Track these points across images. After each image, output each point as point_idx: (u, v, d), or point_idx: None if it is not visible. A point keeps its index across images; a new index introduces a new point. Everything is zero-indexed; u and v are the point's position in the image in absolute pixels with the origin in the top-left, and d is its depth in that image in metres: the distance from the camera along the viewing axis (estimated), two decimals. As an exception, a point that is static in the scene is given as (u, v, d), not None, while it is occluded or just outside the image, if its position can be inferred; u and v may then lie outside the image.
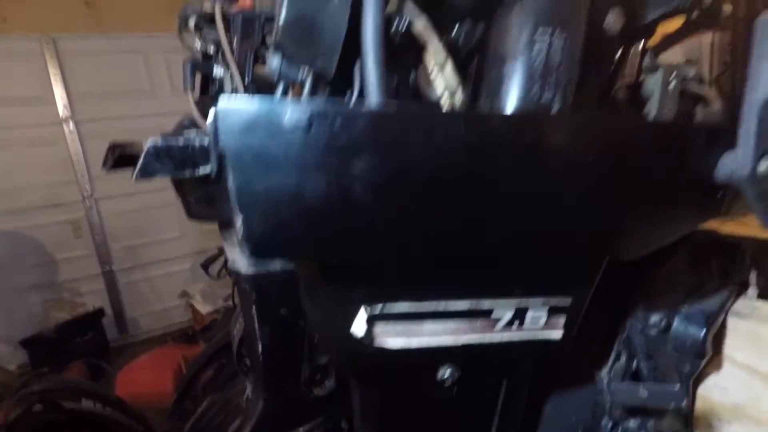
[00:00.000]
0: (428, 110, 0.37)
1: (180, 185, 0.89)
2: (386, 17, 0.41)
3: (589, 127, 0.39)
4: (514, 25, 0.40)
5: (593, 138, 0.39)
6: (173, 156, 0.38)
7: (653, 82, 0.53)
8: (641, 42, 0.55)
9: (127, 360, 2.43)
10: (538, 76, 0.40)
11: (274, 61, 0.43)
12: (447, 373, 0.49)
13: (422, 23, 0.39)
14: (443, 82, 0.40)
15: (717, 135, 0.43)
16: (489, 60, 0.43)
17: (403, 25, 0.39)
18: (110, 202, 2.86)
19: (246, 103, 0.35)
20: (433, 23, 0.43)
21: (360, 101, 0.40)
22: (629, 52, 0.54)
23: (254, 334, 0.95)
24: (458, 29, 0.45)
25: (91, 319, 2.76)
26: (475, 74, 0.46)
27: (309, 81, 0.41)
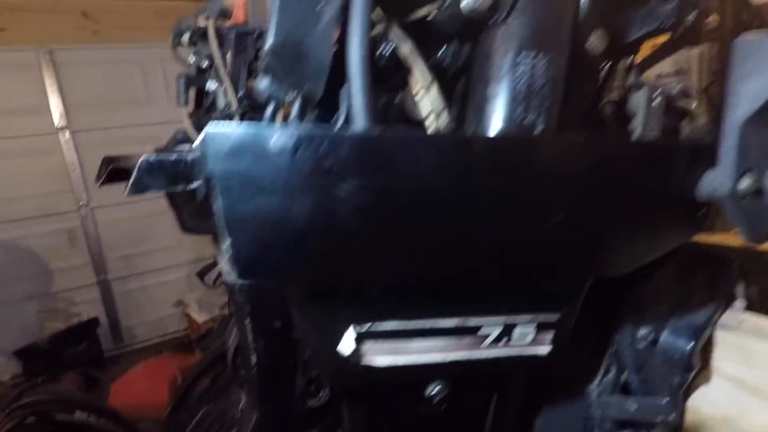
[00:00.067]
0: (412, 134, 0.38)
1: (173, 198, 0.89)
2: (372, 40, 0.42)
3: (572, 149, 0.39)
4: (498, 48, 0.41)
5: (575, 160, 0.39)
6: (166, 171, 0.38)
7: (638, 99, 0.54)
8: (626, 59, 0.56)
9: (123, 370, 2.42)
10: (522, 98, 0.41)
11: (264, 83, 0.44)
12: (436, 390, 0.49)
13: (408, 47, 0.40)
14: (429, 105, 0.41)
15: (699, 153, 0.44)
16: (473, 81, 0.44)
17: (389, 49, 0.40)
18: (106, 211, 2.86)
19: (233, 128, 0.35)
20: (420, 44, 0.44)
21: (345, 125, 0.40)
22: (615, 69, 0.55)
23: (248, 346, 0.95)
24: (445, 50, 0.46)
25: (86, 329, 2.74)
26: (462, 94, 0.47)
27: (297, 104, 0.41)
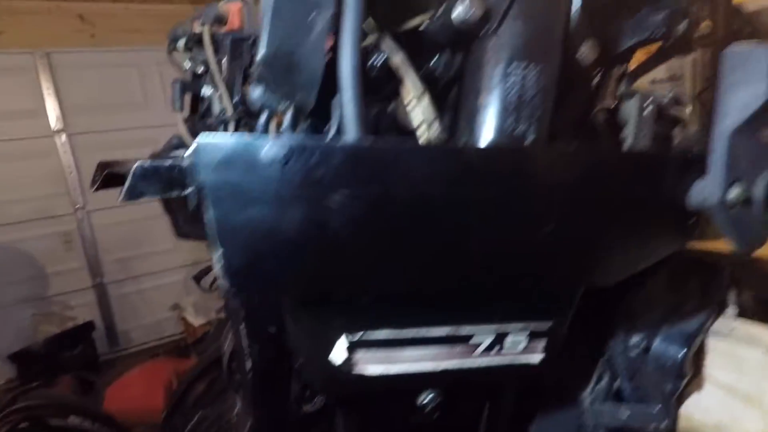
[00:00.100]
0: (403, 144, 0.38)
1: (168, 204, 0.89)
2: (364, 50, 0.42)
3: (562, 159, 0.40)
4: (489, 58, 0.42)
5: (566, 170, 0.39)
6: (160, 177, 0.38)
7: (629, 108, 0.54)
8: (618, 67, 0.56)
9: (118, 373, 2.40)
10: (513, 109, 0.41)
11: (256, 92, 0.44)
12: (428, 398, 0.49)
13: (399, 58, 0.40)
14: (421, 114, 0.41)
15: (688, 162, 0.44)
16: (465, 91, 0.44)
17: (380, 60, 0.40)
18: (102, 214, 2.85)
19: (224, 139, 0.35)
20: (412, 53, 0.44)
21: (337, 136, 0.40)
22: (607, 78, 0.56)
23: (243, 351, 0.94)
24: (437, 59, 0.47)
25: (81, 333, 2.73)
26: (455, 103, 0.47)
27: (289, 114, 0.41)
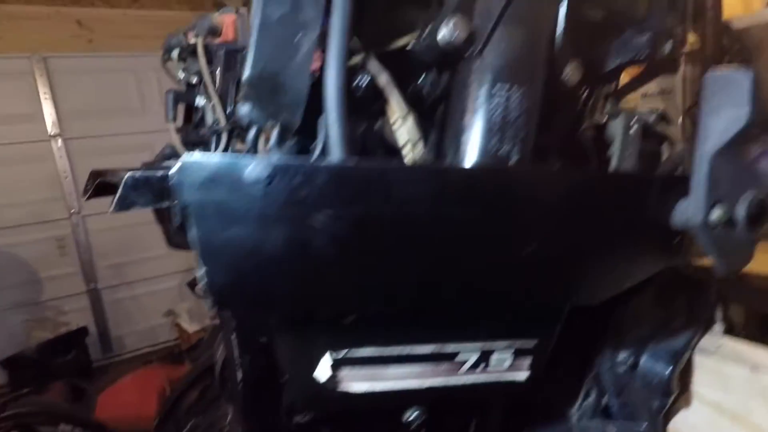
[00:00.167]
0: (387, 164, 0.38)
1: (160, 214, 0.89)
2: (351, 69, 0.43)
3: (545, 180, 0.40)
4: (474, 79, 0.42)
5: (549, 190, 0.40)
6: (151, 187, 0.38)
7: (615, 127, 0.54)
8: (605, 86, 0.57)
9: (111, 380, 2.38)
10: (497, 130, 0.41)
11: (244, 109, 0.44)
12: (413, 416, 0.49)
13: (384, 79, 0.41)
14: (406, 134, 0.41)
15: (672, 183, 0.45)
16: (451, 110, 0.44)
17: (365, 81, 0.41)
18: (97, 219, 2.84)
19: (208, 158, 0.36)
20: (399, 72, 0.45)
21: (322, 156, 0.41)
22: (593, 97, 0.56)
23: (234, 362, 0.94)
24: (424, 78, 0.47)
25: (74, 338, 2.71)
26: (442, 122, 0.47)
27: (275, 133, 0.42)
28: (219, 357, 1.15)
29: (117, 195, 0.38)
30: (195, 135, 0.90)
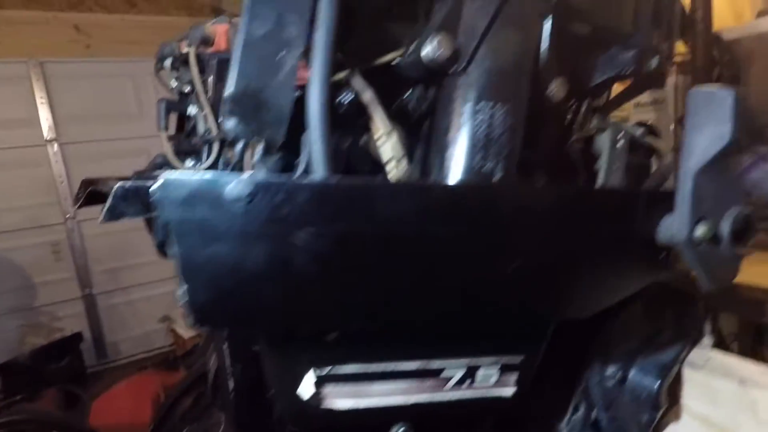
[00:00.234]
0: (369, 182, 0.38)
1: (151, 222, 0.89)
2: (335, 85, 0.43)
3: (529, 197, 0.40)
4: (458, 96, 0.42)
5: (533, 207, 0.40)
6: (141, 197, 0.38)
7: (602, 141, 0.55)
8: (592, 100, 0.57)
9: (106, 386, 2.36)
10: (481, 146, 0.41)
11: (230, 123, 0.44)
12: (399, 432, 0.48)
13: (368, 96, 0.41)
14: (390, 151, 0.41)
15: (657, 198, 0.45)
16: (436, 126, 0.44)
17: (349, 98, 0.41)
18: (92, 224, 2.82)
19: (189, 175, 0.35)
20: (385, 87, 0.45)
21: (304, 174, 0.41)
22: (580, 111, 0.56)
23: (226, 371, 0.93)
24: (410, 94, 0.47)
25: (69, 344, 2.68)
26: (428, 137, 0.48)
27: (260, 149, 0.42)
28: (212, 365, 1.15)
29: (106, 205, 0.38)
30: (187, 144, 0.90)
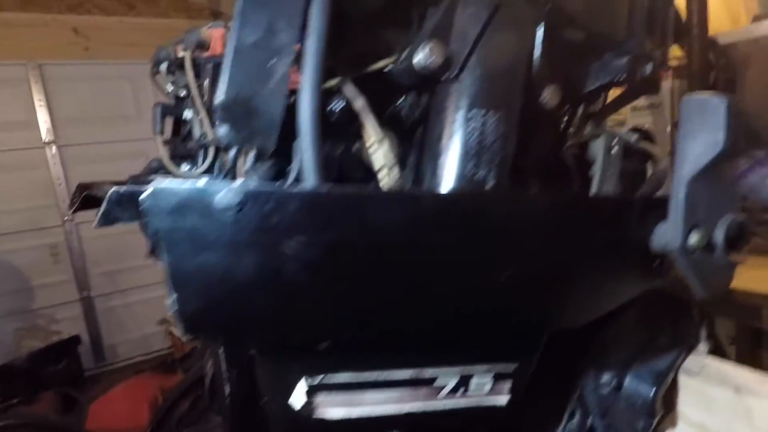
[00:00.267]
0: (359, 191, 0.38)
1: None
2: (327, 92, 0.42)
3: (521, 205, 0.40)
4: (450, 104, 0.42)
5: (525, 215, 0.39)
6: (136, 203, 0.38)
7: (596, 147, 0.54)
8: (586, 106, 0.57)
9: (104, 389, 2.35)
10: (473, 154, 0.41)
11: (222, 130, 0.44)
12: (392, 442, 0.48)
13: (360, 104, 0.41)
14: (382, 159, 0.41)
15: (651, 206, 0.44)
16: (429, 133, 0.44)
17: (339, 106, 0.40)
18: (91, 227, 2.81)
19: (179, 184, 0.35)
20: (377, 94, 0.45)
21: (295, 182, 0.40)
22: (575, 117, 0.56)
23: (222, 376, 0.93)
24: (403, 100, 0.47)
25: (66, 347, 2.68)
26: (421, 144, 0.47)
27: (251, 156, 0.41)
28: (209, 369, 1.14)
29: (101, 210, 0.38)
30: (183, 148, 0.89)
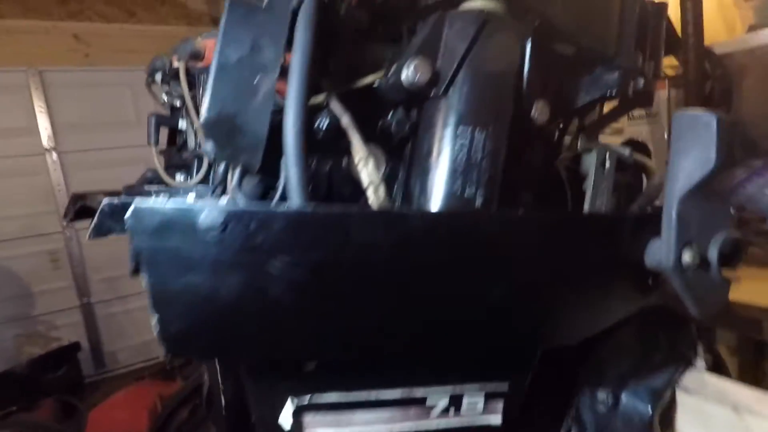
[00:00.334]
0: (345, 210, 0.37)
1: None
2: (313, 109, 0.42)
3: (509, 224, 0.39)
4: (439, 120, 0.41)
5: (514, 235, 0.39)
6: None
7: (589, 162, 0.54)
8: (578, 121, 0.56)
9: (103, 396, 2.34)
10: (461, 171, 0.40)
11: (209, 146, 0.44)
12: (382, 462, 0.47)
13: (346, 120, 0.40)
14: (368, 177, 0.40)
15: (643, 223, 0.44)
16: (417, 150, 0.44)
17: (326, 123, 0.40)
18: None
19: (161, 203, 0.35)
20: (366, 109, 0.44)
21: (279, 201, 0.40)
22: (567, 130, 0.55)
23: (217, 387, 0.92)
24: (392, 116, 0.46)
25: (66, 354, 2.67)
26: (410, 160, 0.47)
27: (236, 174, 0.41)
28: (206, 380, 1.13)
29: (93, 222, 0.38)
30: (179, 158, 0.89)
